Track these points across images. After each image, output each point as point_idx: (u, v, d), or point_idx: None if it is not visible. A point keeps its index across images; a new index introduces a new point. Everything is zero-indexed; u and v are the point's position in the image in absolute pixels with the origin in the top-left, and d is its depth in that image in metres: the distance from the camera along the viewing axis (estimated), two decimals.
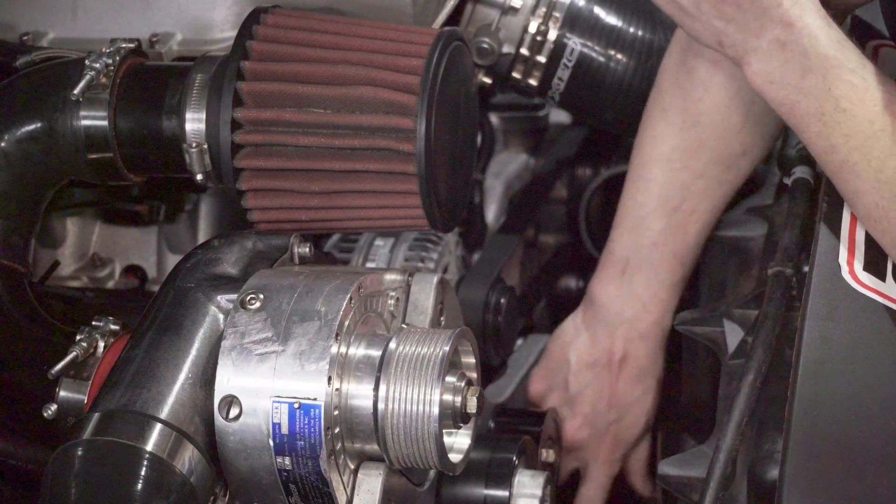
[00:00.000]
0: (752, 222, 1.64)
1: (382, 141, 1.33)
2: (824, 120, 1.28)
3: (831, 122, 1.28)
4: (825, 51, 1.28)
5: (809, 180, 1.52)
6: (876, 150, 1.26)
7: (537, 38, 1.76)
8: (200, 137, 1.37)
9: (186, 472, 1.20)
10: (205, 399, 1.24)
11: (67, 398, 1.34)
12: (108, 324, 1.36)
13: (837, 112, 1.28)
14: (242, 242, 1.36)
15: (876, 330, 1.30)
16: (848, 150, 1.28)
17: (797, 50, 1.28)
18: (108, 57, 1.39)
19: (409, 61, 1.34)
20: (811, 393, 1.26)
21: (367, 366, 1.26)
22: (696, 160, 1.63)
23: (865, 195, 1.28)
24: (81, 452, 1.19)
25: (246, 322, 1.25)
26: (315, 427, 1.22)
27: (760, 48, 1.30)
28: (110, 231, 1.74)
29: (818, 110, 1.28)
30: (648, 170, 1.66)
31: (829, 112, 1.28)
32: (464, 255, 1.83)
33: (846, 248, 1.35)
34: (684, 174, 1.64)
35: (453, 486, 1.48)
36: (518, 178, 2.02)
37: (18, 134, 1.38)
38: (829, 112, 1.28)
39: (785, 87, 1.30)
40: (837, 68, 1.27)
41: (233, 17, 1.58)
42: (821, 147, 1.30)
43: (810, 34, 1.28)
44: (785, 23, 1.28)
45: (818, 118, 1.29)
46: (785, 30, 1.28)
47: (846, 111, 1.27)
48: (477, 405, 1.27)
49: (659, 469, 1.41)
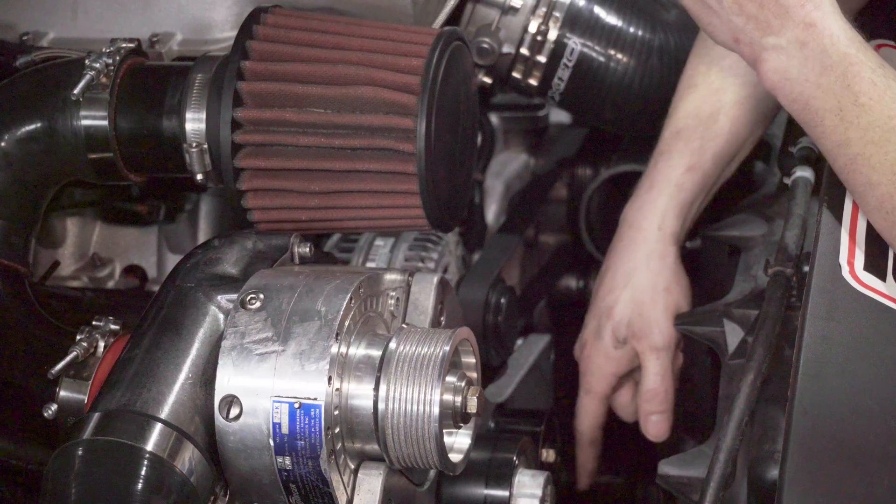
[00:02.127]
0: (752, 222, 1.64)
1: (382, 141, 1.33)
2: (842, 115, 1.30)
3: (849, 117, 1.30)
4: (846, 49, 1.30)
5: (810, 180, 1.52)
6: (894, 143, 1.28)
7: (537, 38, 1.76)
8: (200, 137, 1.37)
9: (187, 472, 1.20)
10: (205, 399, 1.24)
11: (67, 398, 1.34)
12: (109, 324, 1.36)
13: (856, 107, 1.29)
14: (242, 242, 1.36)
15: (876, 330, 1.30)
16: (863, 144, 1.29)
17: (818, 49, 1.30)
18: (109, 57, 1.40)
19: (410, 61, 1.34)
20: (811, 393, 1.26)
21: (367, 366, 1.26)
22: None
23: (879, 186, 1.30)
24: (81, 452, 1.19)
25: (246, 322, 1.25)
26: (315, 427, 1.22)
27: (779, 46, 1.32)
28: (110, 231, 1.74)
29: (836, 106, 1.31)
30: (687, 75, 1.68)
31: (848, 107, 1.30)
32: (464, 255, 1.83)
33: (846, 248, 1.35)
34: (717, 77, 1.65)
35: (453, 486, 1.48)
36: (518, 178, 2.02)
37: (19, 134, 1.38)
38: (848, 107, 1.30)
39: (801, 84, 1.32)
40: (858, 65, 1.30)
41: (233, 17, 1.58)
42: (834, 141, 1.32)
43: (832, 34, 1.30)
44: (807, 23, 1.31)
45: (835, 113, 1.31)
46: (806, 30, 1.31)
47: (864, 106, 1.29)
48: (477, 405, 1.27)
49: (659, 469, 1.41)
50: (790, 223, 1.47)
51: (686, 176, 1.65)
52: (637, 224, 1.67)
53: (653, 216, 1.66)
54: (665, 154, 1.66)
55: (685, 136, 1.65)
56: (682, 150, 1.65)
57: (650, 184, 1.67)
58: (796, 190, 1.51)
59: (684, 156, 1.65)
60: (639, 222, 1.67)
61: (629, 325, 1.67)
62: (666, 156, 1.66)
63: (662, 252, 1.67)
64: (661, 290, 1.67)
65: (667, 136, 1.67)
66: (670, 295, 1.67)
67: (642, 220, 1.67)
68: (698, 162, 1.65)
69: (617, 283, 1.68)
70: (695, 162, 1.65)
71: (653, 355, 1.68)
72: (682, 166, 1.65)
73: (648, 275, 1.67)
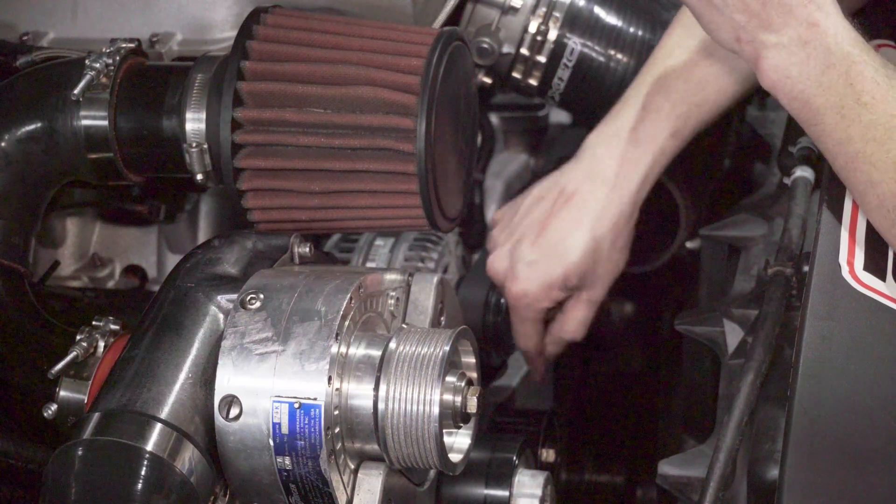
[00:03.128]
0: (752, 222, 1.64)
1: (382, 141, 1.33)
2: (843, 113, 1.30)
3: (850, 115, 1.30)
4: (849, 48, 1.31)
5: (809, 180, 1.52)
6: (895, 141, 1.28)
7: (537, 38, 1.76)
8: (200, 137, 1.37)
9: (187, 471, 1.20)
10: (205, 399, 1.24)
11: (67, 398, 1.34)
12: (108, 324, 1.36)
13: (858, 105, 1.30)
14: (242, 242, 1.36)
15: (876, 330, 1.30)
16: (864, 142, 1.30)
17: (821, 48, 1.31)
18: (109, 57, 1.40)
19: (410, 61, 1.34)
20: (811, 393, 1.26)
21: (367, 365, 1.26)
22: None
23: (881, 185, 1.29)
24: (81, 452, 1.19)
25: (246, 322, 1.25)
26: (315, 427, 1.22)
27: (780, 44, 1.32)
28: (110, 231, 1.74)
29: (837, 104, 1.31)
30: (679, 16, 1.67)
31: (850, 105, 1.30)
32: (464, 255, 1.83)
33: (846, 247, 1.35)
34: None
35: (453, 486, 1.48)
36: (518, 178, 2.02)
37: (19, 134, 1.38)
38: (850, 105, 1.30)
39: (802, 82, 1.32)
40: (861, 64, 1.30)
41: (233, 17, 1.58)
42: (834, 139, 1.32)
43: (835, 34, 1.31)
44: (810, 22, 1.31)
45: (836, 111, 1.31)
46: (809, 29, 1.31)
47: (867, 105, 1.30)
48: (477, 405, 1.27)
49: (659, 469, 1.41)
50: (790, 223, 1.47)
51: (669, 141, 1.65)
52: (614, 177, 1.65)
53: (634, 175, 1.65)
54: (653, 112, 1.64)
55: (674, 97, 1.64)
56: (670, 112, 1.64)
57: (636, 139, 1.65)
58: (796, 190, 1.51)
59: (671, 119, 1.64)
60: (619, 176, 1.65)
61: (582, 275, 1.67)
62: (654, 115, 1.64)
63: (631, 213, 1.67)
64: (619, 249, 1.68)
65: (653, 84, 1.65)
66: (622, 255, 1.68)
67: (623, 177, 1.65)
68: (682, 128, 1.65)
69: (582, 227, 1.66)
70: (679, 127, 1.64)
71: (586, 306, 1.70)
72: (668, 129, 1.64)
73: (614, 232, 1.66)
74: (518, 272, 1.68)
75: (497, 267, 1.69)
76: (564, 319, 1.72)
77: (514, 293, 1.68)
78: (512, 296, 1.69)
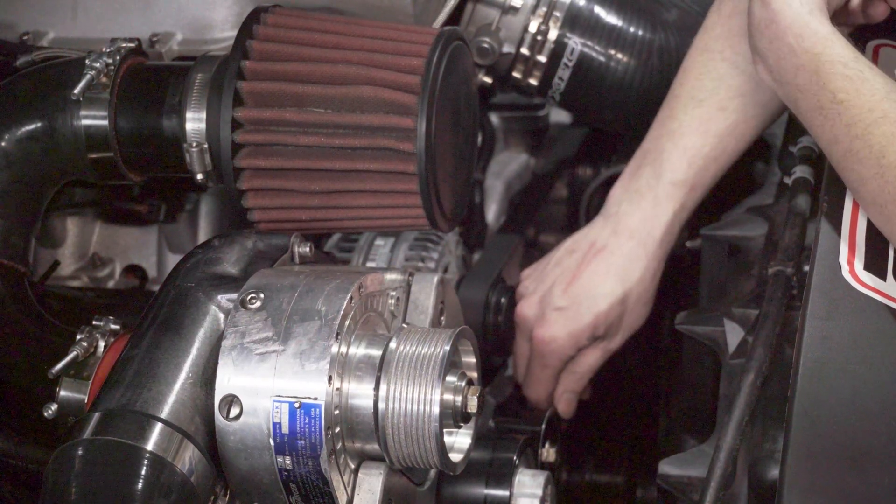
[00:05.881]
0: (752, 222, 1.64)
1: (383, 140, 1.33)
2: (824, 113, 1.31)
3: (831, 115, 1.30)
4: (812, 48, 1.30)
5: (810, 180, 1.52)
6: (877, 136, 1.28)
7: (538, 38, 1.76)
8: (201, 137, 1.37)
9: (187, 471, 1.20)
10: (205, 399, 1.24)
11: (68, 398, 1.34)
12: (109, 323, 1.36)
13: (836, 104, 1.30)
14: (243, 242, 1.36)
15: (876, 330, 1.30)
16: (850, 140, 1.30)
17: (785, 49, 1.31)
18: (109, 56, 1.40)
19: (410, 61, 1.34)
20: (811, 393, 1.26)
21: (367, 365, 1.26)
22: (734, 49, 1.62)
23: (869, 181, 1.29)
24: (82, 452, 1.19)
25: (246, 321, 1.25)
26: (315, 426, 1.22)
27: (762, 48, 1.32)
28: (110, 231, 1.74)
29: (817, 105, 1.31)
30: (689, 58, 1.67)
31: (828, 105, 1.30)
32: (464, 255, 1.83)
33: (847, 247, 1.35)
34: (721, 65, 1.63)
35: (454, 486, 1.48)
36: (518, 178, 2.02)
37: (19, 133, 1.38)
38: (828, 105, 1.30)
39: (785, 86, 1.33)
40: (828, 63, 1.31)
41: (233, 17, 1.58)
42: (825, 139, 1.33)
43: (795, 33, 1.31)
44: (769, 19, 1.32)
45: (818, 112, 1.32)
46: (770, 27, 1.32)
47: (844, 103, 1.30)
48: (477, 405, 1.27)
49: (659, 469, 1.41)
50: (790, 223, 1.47)
51: (689, 195, 1.67)
52: (639, 233, 1.68)
53: (656, 232, 1.68)
54: (669, 172, 1.66)
55: (690, 154, 1.65)
56: (687, 170, 1.66)
57: (655, 197, 1.67)
58: (796, 190, 1.51)
59: (689, 175, 1.66)
60: (643, 232, 1.68)
61: (609, 325, 1.70)
62: (670, 174, 1.67)
63: (658, 267, 1.70)
64: (644, 303, 1.71)
65: (668, 139, 1.66)
66: (647, 308, 1.72)
67: (647, 234, 1.68)
68: (701, 182, 1.67)
69: (612, 278, 1.69)
70: (698, 182, 1.67)
71: (601, 353, 1.73)
72: (687, 186, 1.67)
73: (641, 285, 1.69)
74: (548, 317, 1.70)
75: (526, 312, 1.72)
76: (577, 360, 1.73)
77: (543, 338, 1.70)
78: (539, 340, 1.71)
